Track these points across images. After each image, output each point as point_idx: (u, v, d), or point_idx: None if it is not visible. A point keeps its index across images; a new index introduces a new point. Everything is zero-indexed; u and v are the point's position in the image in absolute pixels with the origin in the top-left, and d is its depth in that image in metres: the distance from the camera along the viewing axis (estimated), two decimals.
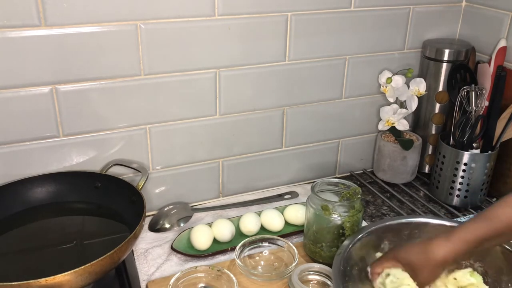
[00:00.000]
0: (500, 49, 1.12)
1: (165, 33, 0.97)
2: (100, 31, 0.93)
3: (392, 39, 1.19)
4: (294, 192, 1.21)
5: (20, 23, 0.87)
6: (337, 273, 0.78)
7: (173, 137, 1.07)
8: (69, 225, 0.96)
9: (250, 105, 1.12)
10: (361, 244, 0.85)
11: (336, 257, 0.81)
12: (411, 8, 1.18)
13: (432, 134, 1.26)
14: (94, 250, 0.89)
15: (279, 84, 1.12)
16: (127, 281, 0.91)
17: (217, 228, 1.01)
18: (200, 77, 1.04)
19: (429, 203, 1.18)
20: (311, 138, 1.23)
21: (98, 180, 1.00)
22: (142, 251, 1.00)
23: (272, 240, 0.99)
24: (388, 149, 1.23)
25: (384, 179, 1.27)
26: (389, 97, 1.19)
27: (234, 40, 1.04)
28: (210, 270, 0.90)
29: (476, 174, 1.11)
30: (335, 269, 0.79)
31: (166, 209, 1.10)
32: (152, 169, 1.08)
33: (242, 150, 1.16)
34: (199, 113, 1.08)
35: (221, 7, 1.00)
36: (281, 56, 1.10)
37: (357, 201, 0.93)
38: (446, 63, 1.18)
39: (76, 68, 0.94)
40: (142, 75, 0.99)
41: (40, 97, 0.93)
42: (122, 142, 1.03)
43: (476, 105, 1.10)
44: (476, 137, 1.11)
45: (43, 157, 0.98)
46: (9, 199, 0.95)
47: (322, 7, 1.09)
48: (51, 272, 0.73)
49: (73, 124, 0.98)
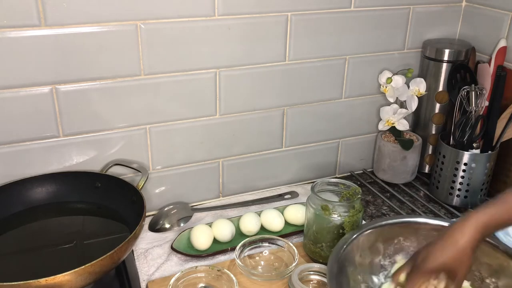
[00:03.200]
0: (500, 49, 1.12)
1: (165, 33, 0.97)
2: (100, 31, 0.93)
3: (392, 39, 1.19)
4: (294, 192, 1.21)
5: (20, 23, 0.87)
6: (331, 272, 0.78)
7: (173, 137, 1.07)
8: (69, 225, 0.96)
9: (250, 105, 1.12)
10: (357, 242, 0.85)
11: (330, 257, 0.81)
12: (411, 8, 1.18)
13: (432, 134, 1.26)
14: (94, 250, 0.89)
15: (279, 84, 1.12)
16: (127, 281, 0.91)
17: (217, 228, 1.01)
18: (200, 77, 1.04)
19: (429, 203, 1.18)
20: (311, 138, 1.23)
21: (98, 180, 1.00)
22: (142, 251, 1.00)
23: (272, 240, 0.99)
24: (388, 149, 1.23)
25: (384, 179, 1.27)
26: (389, 97, 1.19)
27: (234, 40, 1.04)
28: (210, 270, 0.90)
29: (476, 174, 1.11)
30: (329, 268, 0.79)
31: (166, 209, 1.10)
32: (152, 169, 1.08)
33: (242, 150, 1.16)
34: (199, 113, 1.08)
35: (221, 7, 1.00)
36: (281, 56, 1.10)
37: (357, 201, 0.93)
38: (446, 63, 1.18)
39: (76, 68, 0.94)
40: (142, 75, 0.99)
41: (40, 97, 0.93)
42: (122, 142, 1.03)
43: (476, 105, 1.10)
44: (476, 137, 1.11)
45: (43, 157, 0.98)
46: (9, 199, 0.95)
47: (322, 7, 1.09)
48: (51, 272, 0.73)
49: (73, 124, 0.98)
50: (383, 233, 0.88)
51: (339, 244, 0.84)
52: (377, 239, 0.88)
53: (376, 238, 0.88)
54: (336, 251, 0.82)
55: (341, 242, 0.84)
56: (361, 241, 0.86)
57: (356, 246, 0.85)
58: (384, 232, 0.88)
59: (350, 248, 0.84)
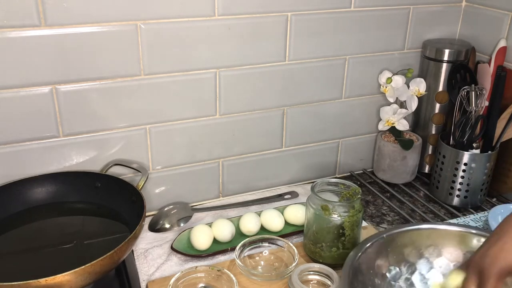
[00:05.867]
0: (500, 49, 1.12)
1: (165, 33, 0.97)
2: (100, 31, 0.93)
3: (392, 39, 1.19)
4: (294, 192, 1.21)
5: (20, 23, 0.87)
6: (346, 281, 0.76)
7: (173, 137, 1.07)
8: (69, 225, 0.96)
9: (250, 105, 1.12)
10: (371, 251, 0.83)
11: (344, 266, 0.78)
12: (411, 8, 1.18)
13: (432, 134, 1.26)
14: (94, 250, 0.89)
15: (279, 84, 1.12)
16: (127, 281, 0.91)
17: (217, 228, 1.01)
18: (200, 77, 1.04)
19: (429, 203, 1.18)
20: (311, 138, 1.23)
21: (98, 180, 1.00)
22: (142, 251, 1.00)
23: (272, 240, 0.99)
24: (388, 149, 1.23)
25: (384, 179, 1.27)
26: (389, 97, 1.19)
27: (234, 40, 1.04)
28: (210, 270, 0.90)
29: (476, 174, 1.11)
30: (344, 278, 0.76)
31: (166, 209, 1.10)
32: (152, 169, 1.08)
33: (242, 150, 1.16)
34: (199, 113, 1.08)
35: (221, 7, 1.00)
36: (281, 56, 1.10)
37: (357, 201, 0.93)
38: (446, 63, 1.18)
39: (76, 68, 0.94)
40: (142, 75, 0.99)
41: (40, 97, 0.93)
42: (122, 142, 1.03)
43: (476, 105, 1.10)
44: (476, 137, 1.11)
45: (43, 157, 0.98)
46: (9, 199, 0.95)
47: (322, 7, 1.09)
48: (51, 272, 0.73)
49: (73, 124, 0.98)
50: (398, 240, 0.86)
51: (351, 254, 0.81)
52: (389, 247, 0.85)
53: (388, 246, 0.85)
54: (351, 258, 0.79)
55: (354, 251, 0.81)
56: (374, 248, 0.83)
57: (370, 254, 0.83)
58: (399, 239, 0.86)
59: (365, 256, 0.81)
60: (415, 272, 0.86)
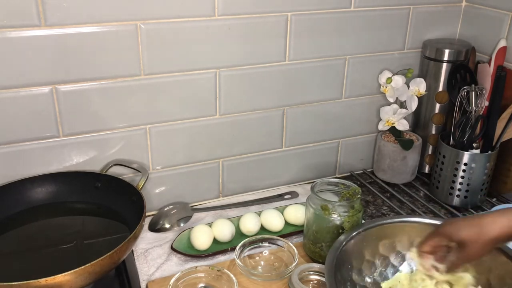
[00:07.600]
0: (500, 49, 1.12)
1: (165, 33, 0.97)
2: (100, 31, 0.93)
3: (392, 39, 1.19)
4: (294, 192, 1.21)
5: (20, 23, 0.87)
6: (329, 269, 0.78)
7: (173, 137, 1.07)
8: (69, 225, 0.96)
9: (250, 105, 1.12)
10: (354, 242, 0.85)
11: (329, 255, 0.81)
12: (411, 8, 1.18)
13: (432, 134, 1.26)
14: (94, 250, 0.89)
15: (279, 84, 1.12)
16: (127, 281, 0.91)
17: (217, 228, 1.01)
18: (200, 77, 1.04)
19: (429, 203, 1.18)
20: (311, 138, 1.23)
21: (98, 180, 1.00)
22: (142, 251, 1.00)
23: (272, 240, 0.99)
24: (388, 149, 1.23)
25: (384, 179, 1.27)
26: (389, 97, 1.19)
27: (234, 40, 1.04)
28: (210, 270, 0.90)
29: (476, 174, 1.11)
30: (328, 266, 0.79)
31: (166, 209, 1.10)
32: (152, 169, 1.08)
33: (242, 150, 1.16)
34: (199, 113, 1.08)
35: (221, 7, 1.00)
36: (281, 56, 1.10)
37: (357, 201, 0.93)
38: (446, 63, 1.18)
39: (76, 68, 0.94)
40: (142, 75, 0.99)
41: (40, 97, 0.93)
42: (122, 142, 1.03)
43: (476, 105, 1.09)
44: (476, 137, 1.11)
45: (43, 157, 0.98)
46: (9, 199, 0.95)
47: (322, 7, 1.09)
48: (51, 272, 0.73)
49: (73, 124, 0.98)
50: (379, 233, 0.88)
51: (335, 245, 0.84)
52: (371, 239, 0.88)
53: (369, 238, 0.88)
54: (333, 251, 0.82)
55: (337, 243, 0.84)
56: (356, 241, 0.86)
57: (352, 246, 0.85)
58: (379, 232, 0.88)
59: (346, 249, 0.84)
60: (388, 265, 0.88)
